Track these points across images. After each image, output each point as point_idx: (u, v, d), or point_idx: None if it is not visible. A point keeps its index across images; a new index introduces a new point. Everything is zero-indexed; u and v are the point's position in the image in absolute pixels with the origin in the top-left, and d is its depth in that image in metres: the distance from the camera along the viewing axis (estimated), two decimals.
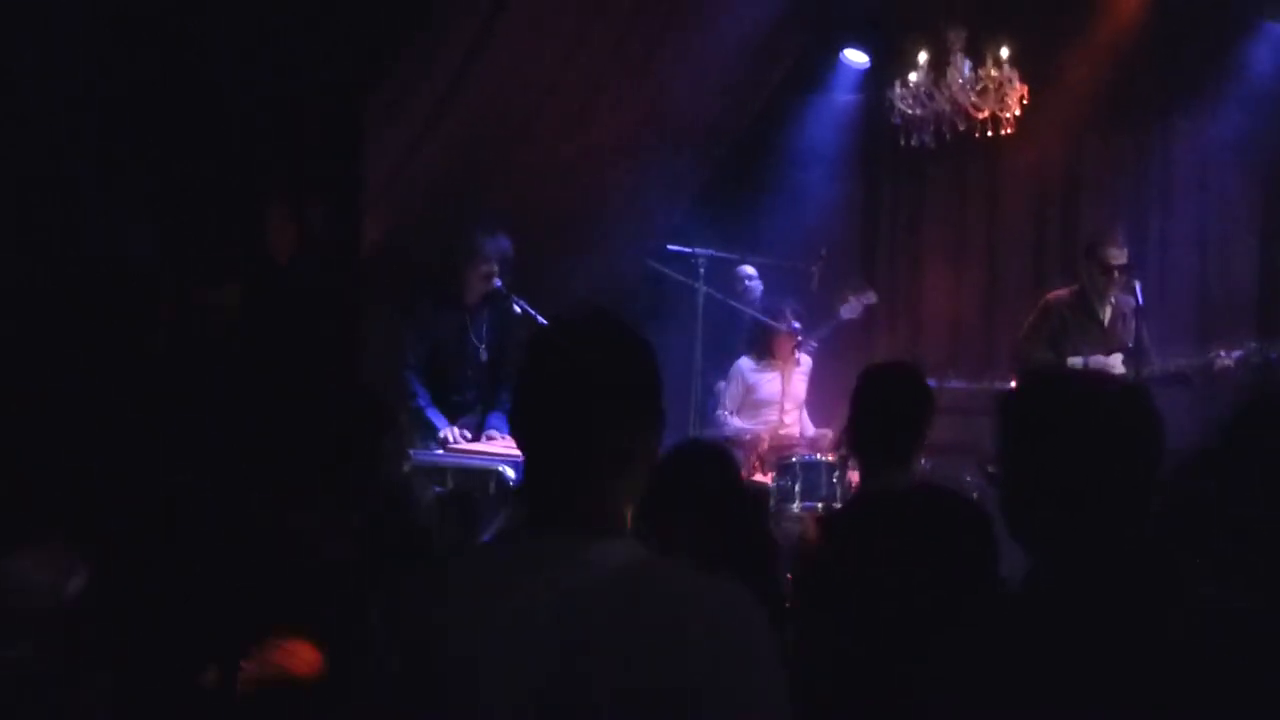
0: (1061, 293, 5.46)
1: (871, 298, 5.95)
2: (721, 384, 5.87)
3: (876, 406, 2.74)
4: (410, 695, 1.30)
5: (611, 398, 1.34)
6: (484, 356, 4.98)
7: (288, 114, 3.52)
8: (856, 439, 2.81)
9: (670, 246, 5.71)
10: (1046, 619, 1.48)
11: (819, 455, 5.27)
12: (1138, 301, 5.19)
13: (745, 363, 5.82)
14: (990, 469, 1.62)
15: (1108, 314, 5.34)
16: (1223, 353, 5.14)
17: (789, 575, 3.05)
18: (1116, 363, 5.25)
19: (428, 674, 1.29)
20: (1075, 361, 5.21)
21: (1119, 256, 5.23)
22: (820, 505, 4.93)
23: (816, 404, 6.02)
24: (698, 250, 5.57)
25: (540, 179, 6.15)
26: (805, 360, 5.89)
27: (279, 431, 2.81)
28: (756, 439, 5.63)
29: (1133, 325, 5.28)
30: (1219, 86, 6.00)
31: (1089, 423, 1.52)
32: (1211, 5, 5.93)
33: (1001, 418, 1.61)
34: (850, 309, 5.88)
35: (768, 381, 5.81)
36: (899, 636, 2.38)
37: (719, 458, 2.57)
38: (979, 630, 1.55)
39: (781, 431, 5.76)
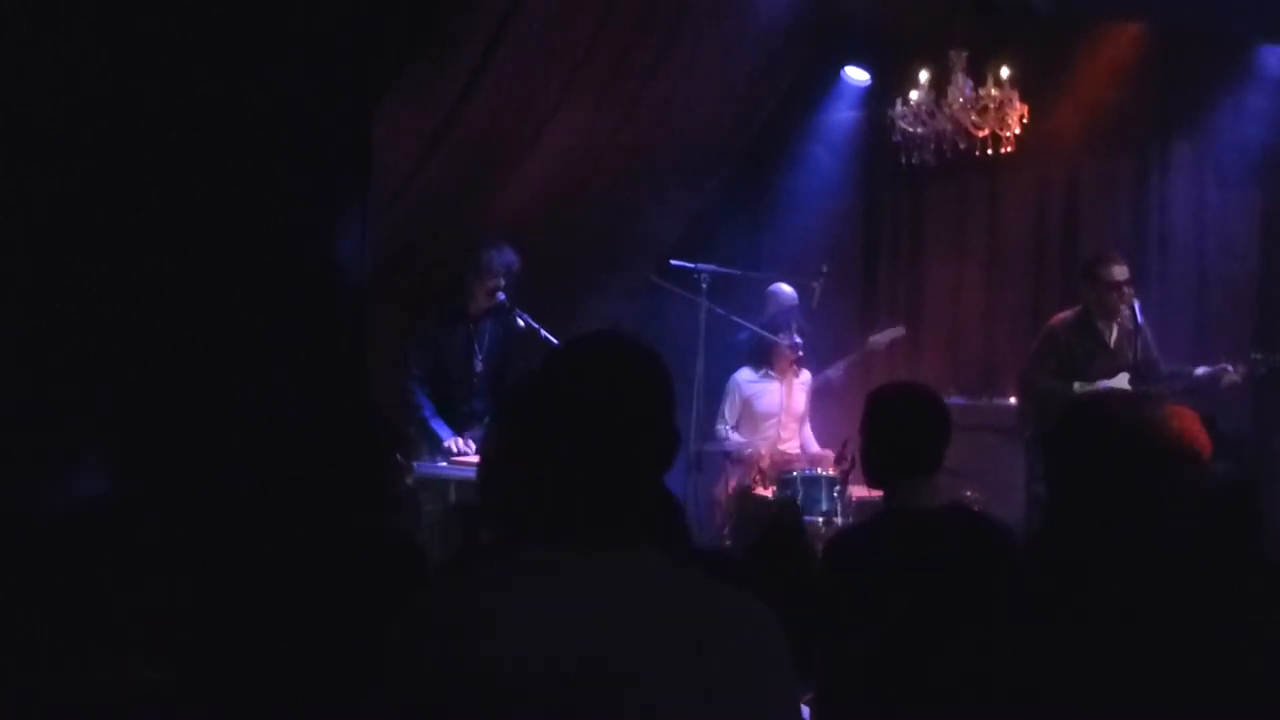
0: (1065, 315, 5.41)
1: (900, 331, 6.21)
2: (722, 400, 5.91)
3: (897, 426, 2.70)
4: (433, 701, 1.33)
5: (631, 417, 1.38)
6: (479, 367, 5.01)
7: (295, 124, 3.54)
8: (876, 461, 2.76)
9: (673, 262, 5.75)
10: (1095, 637, 1.50)
11: (820, 470, 5.29)
12: (1137, 319, 5.20)
13: (743, 374, 5.85)
14: (1034, 487, 1.66)
15: (1114, 334, 5.30)
16: (1230, 368, 5.16)
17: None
18: (1123, 383, 5.25)
19: (451, 681, 1.33)
20: (1083, 388, 5.20)
21: (1121, 273, 5.22)
22: (821, 520, 4.95)
23: (818, 420, 6.06)
24: (700, 266, 5.61)
25: (544, 194, 6.20)
26: (805, 374, 5.92)
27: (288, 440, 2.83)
28: (756, 455, 5.66)
29: (1135, 342, 5.28)
30: (1217, 105, 6.05)
31: (1138, 445, 1.56)
32: (1211, 25, 5.97)
33: (1051, 440, 1.64)
34: (879, 339, 6.14)
35: (767, 394, 5.83)
36: (932, 650, 2.40)
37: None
38: (1024, 649, 1.56)
39: (781, 446, 5.79)
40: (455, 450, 4.79)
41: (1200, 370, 5.22)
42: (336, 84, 3.71)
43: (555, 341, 4.85)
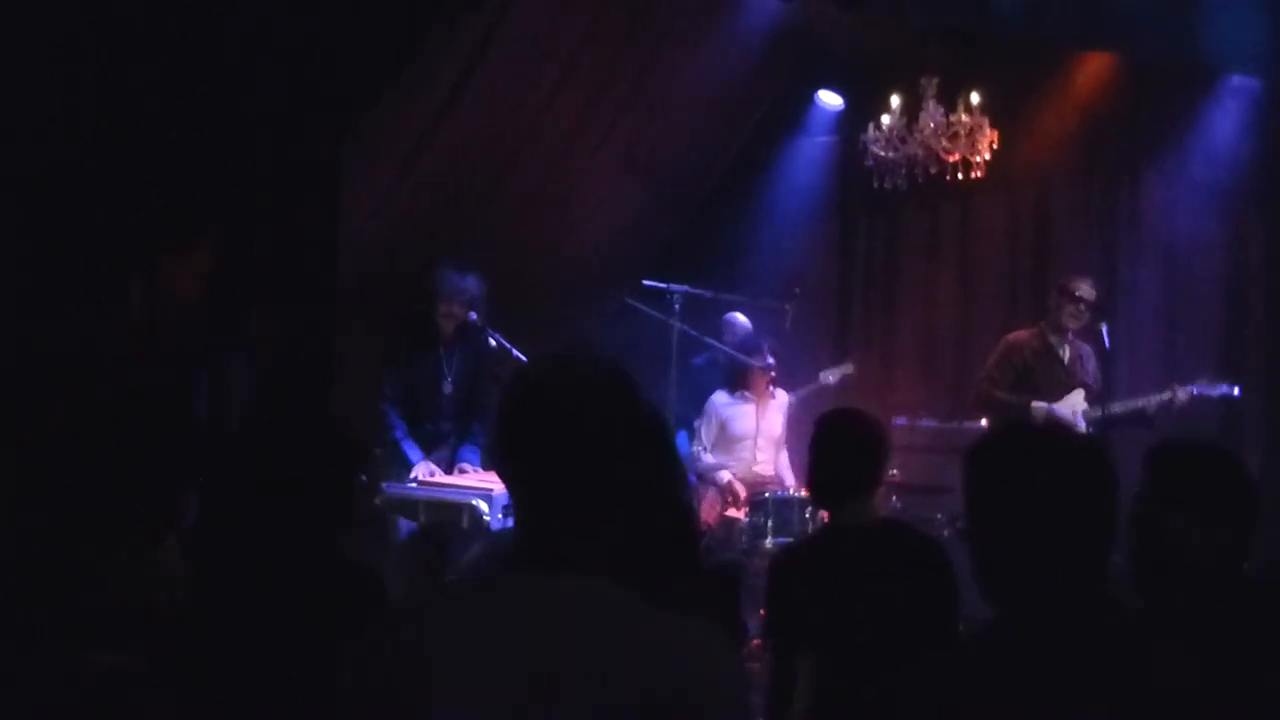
0: (1021, 334, 5.54)
1: (849, 369, 6.26)
2: (698, 422, 5.90)
3: (835, 452, 2.87)
4: None
5: (596, 437, 1.34)
6: (448, 389, 4.98)
7: (268, 150, 3.54)
8: (817, 482, 2.95)
9: (646, 282, 5.76)
10: (1009, 667, 1.50)
11: (792, 491, 5.29)
12: (1105, 344, 5.27)
13: (719, 397, 5.85)
14: (958, 523, 1.66)
15: (1067, 354, 5.41)
16: (1178, 387, 5.22)
17: (762, 611, 3.11)
18: (1079, 400, 5.32)
19: (405, 713, 1.31)
20: (1040, 406, 5.27)
21: (1089, 292, 5.32)
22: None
23: (795, 448, 6.06)
24: (673, 286, 5.62)
25: (519, 217, 6.20)
26: (782, 395, 5.91)
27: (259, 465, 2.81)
28: (729, 477, 5.65)
29: (1093, 366, 5.38)
30: (1186, 133, 6.14)
31: (1051, 477, 1.56)
32: (1178, 56, 6.07)
33: (966, 473, 1.64)
34: (830, 374, 6.18)
35: (741, 416, 5.82)
36: (865, 663, 2.44)
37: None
38: (944, 678, 1.56)
39: (755, 469, 5.78)
40: (422, 476, 4.75)
41: (1149, 400, 5.26)
42: (306, 111, 3.71)
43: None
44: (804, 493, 5.17)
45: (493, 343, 4.99)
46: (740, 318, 6.32)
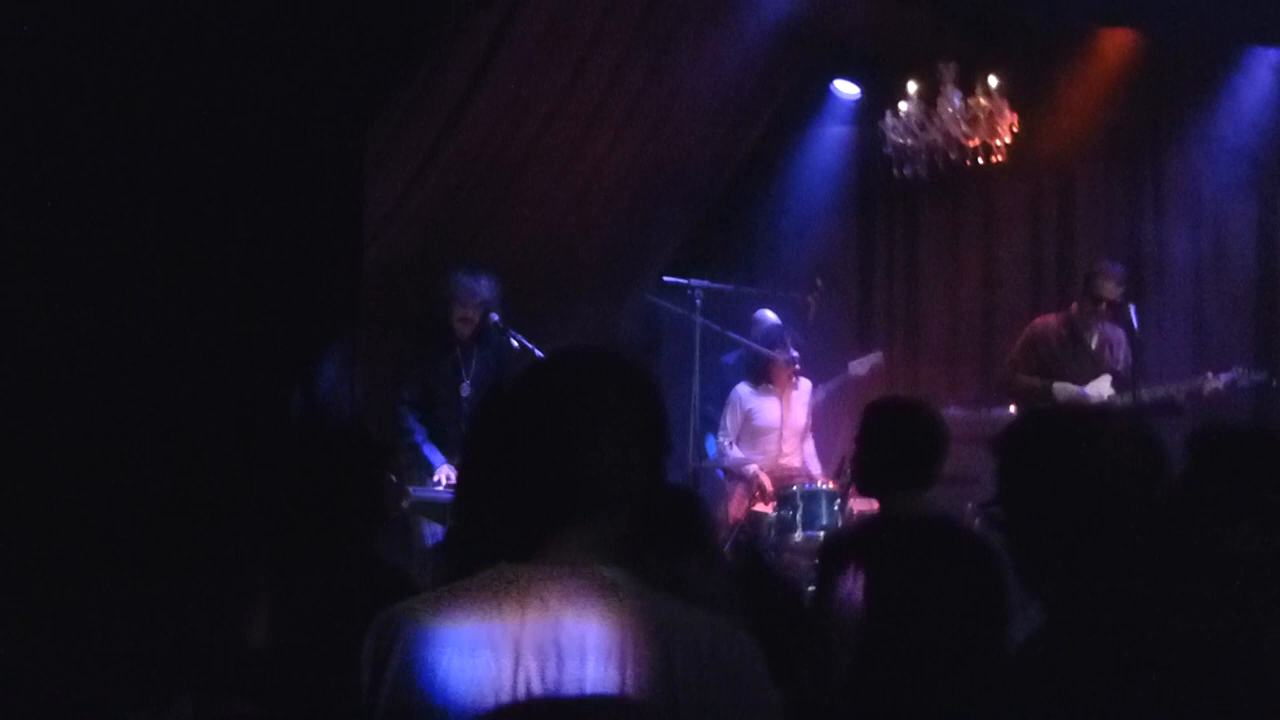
0: (1049, 319, 5.49)
1: (879, 358, 6.20)
2: (722, 413, 5.87)
3: (890, 440, 2.77)
4: None
5: (607, 430, 1.33)
6: (465, 392, 4.96)
7: (287, 148, 3.53)
8: (868, 473, 2.84)
9: (666, 278, 5.73)
10: (1064, 671, 1.43)
11: (820, 483, 5.25)
12: (1134, 328, 5.20)
13: (743, 388, 5.82)
14: (991, 511, 1.58)
15: (1095, 340, 5.35)
16: (1210, 375, 5.14)
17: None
18: (1105, 386, 5.26)
19: (418, 709, 1.28)
20: (1063, 387, 5.21)
21: (1114, 292, 5.24)
22: (822, 534, 4.90)
23: (819, 434, 6.02)
24: (693, 282, 5.59)
25: (537, 213, 6.19)
26: (805, 385, 5.87)
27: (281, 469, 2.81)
28: (756, 471, 5.62)
29: (1123, 353, 5.31)
30: (1212, 108, 6.05)
31: (1092, 460, 1.48)
32: (1201, 30, 5.98)
33: (1001, 460, 1.57)
34: (859, 365, 6.12)
35: (766, 408, 5.79)
36: (909, 660, 2.39)
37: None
38: (1000, 688, 1.50)
39: (781, 461, 5.75)
40: (446, 480, 4.74)
41: (1179, 386, 5.18)
42: (331, 101, 3.70)
43: None
44: (831, 484, 5.14)
45: (515, 344, 4.97)
46: (769, 314, 6.26)
